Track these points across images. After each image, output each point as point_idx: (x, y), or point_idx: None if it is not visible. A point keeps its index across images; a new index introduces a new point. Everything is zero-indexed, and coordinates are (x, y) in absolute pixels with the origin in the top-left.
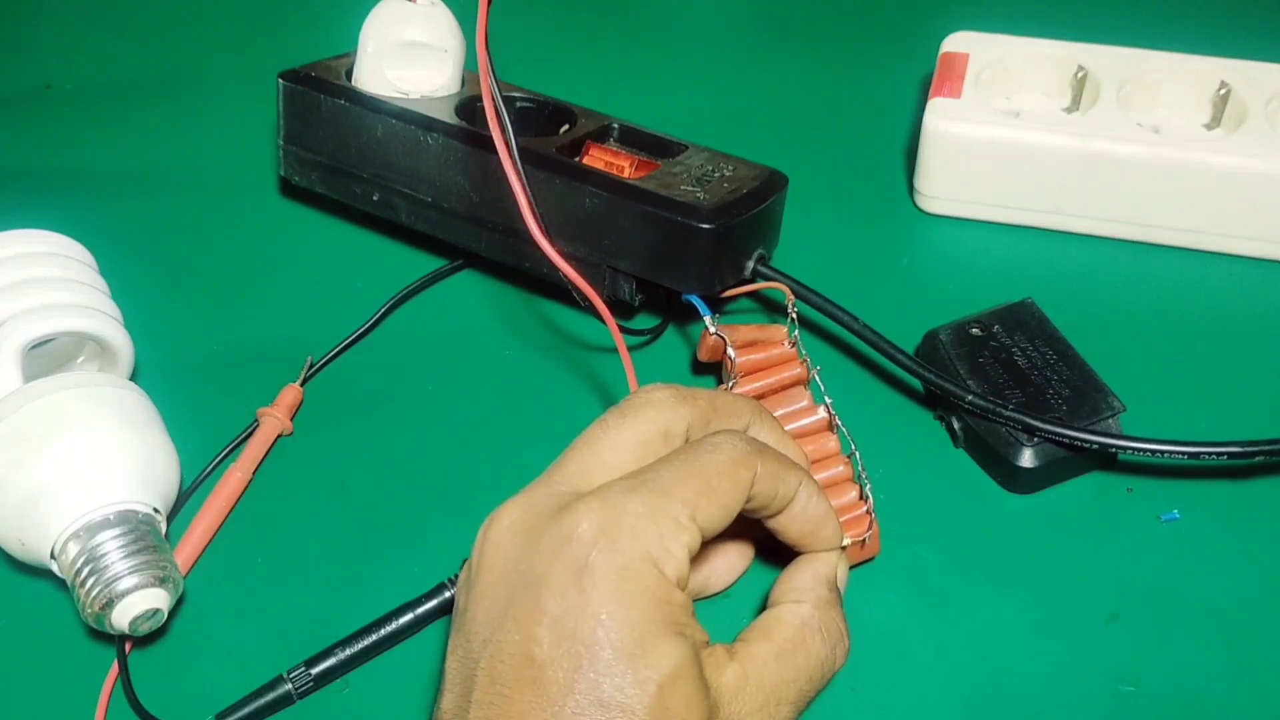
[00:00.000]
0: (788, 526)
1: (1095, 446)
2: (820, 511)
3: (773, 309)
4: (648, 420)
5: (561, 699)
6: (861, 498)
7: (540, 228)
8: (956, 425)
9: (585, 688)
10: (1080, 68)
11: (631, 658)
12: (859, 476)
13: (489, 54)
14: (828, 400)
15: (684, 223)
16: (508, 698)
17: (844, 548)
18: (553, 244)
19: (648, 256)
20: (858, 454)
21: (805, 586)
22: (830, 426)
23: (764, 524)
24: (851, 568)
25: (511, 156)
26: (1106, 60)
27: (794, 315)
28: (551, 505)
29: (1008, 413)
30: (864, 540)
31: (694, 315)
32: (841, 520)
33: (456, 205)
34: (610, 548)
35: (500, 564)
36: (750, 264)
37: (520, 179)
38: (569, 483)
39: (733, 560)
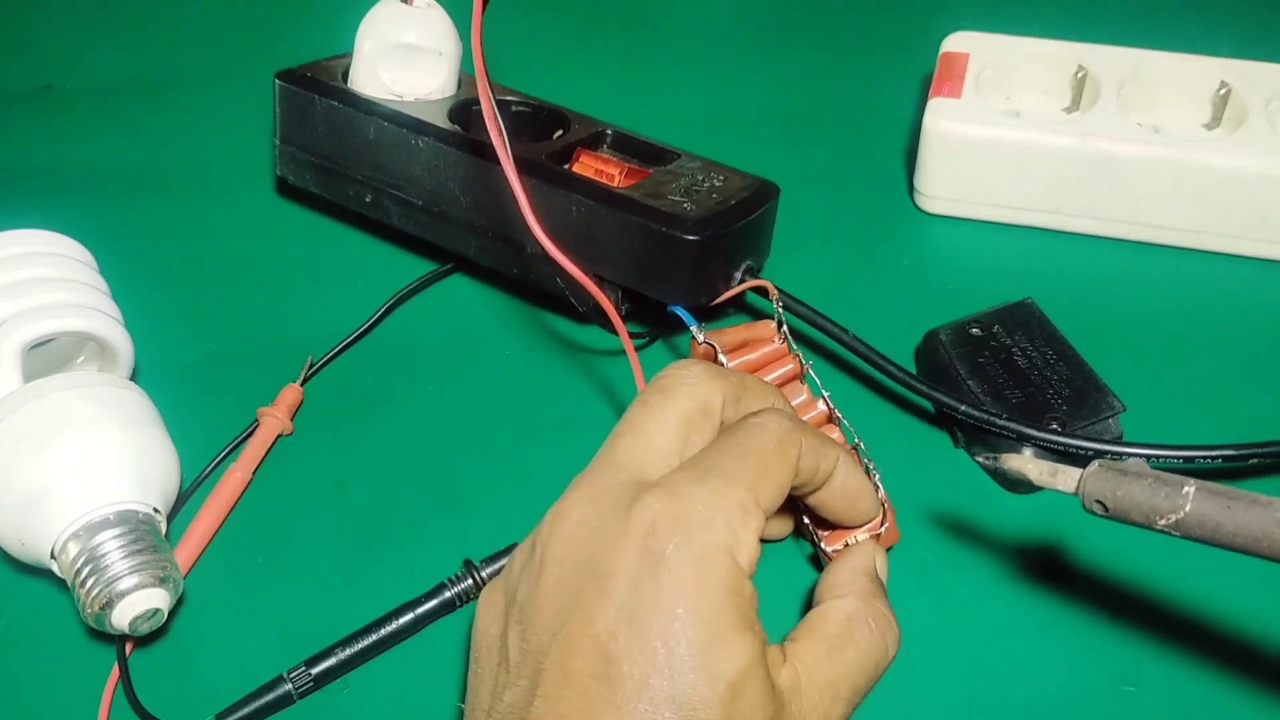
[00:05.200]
0: (827, 501)
1: (1090, 454)
2: (858, 483)
3: (761, 315)
4: (688, 397)
5: (636, 695)
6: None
7: (548, 236)
8: (957, 426)
9: (659, 683)
10: (1080, 68)
11: (705, 654)
12: (866, 467)
13: (484, 62)
14: (825, 394)
15: (668, 233)
16: (580, 693)
17: (875, 537)
18: (562, 252)
19: (633, 266)
20: (862, 445)
21: (846, 581)
22: (831, 419)
23: (804, 502)
24: None
25: (514, 166)
26: (1106, 60)
27: (780, 308)
28: (619, 497)
29: (1001, 422)
30: (882, 530)
31: (683, 323)
32: None
33: (447, 209)
34: (685, 540)
35: (571, 557)
36: (738, 275)
37: (524, 189)
38: (627, 470)
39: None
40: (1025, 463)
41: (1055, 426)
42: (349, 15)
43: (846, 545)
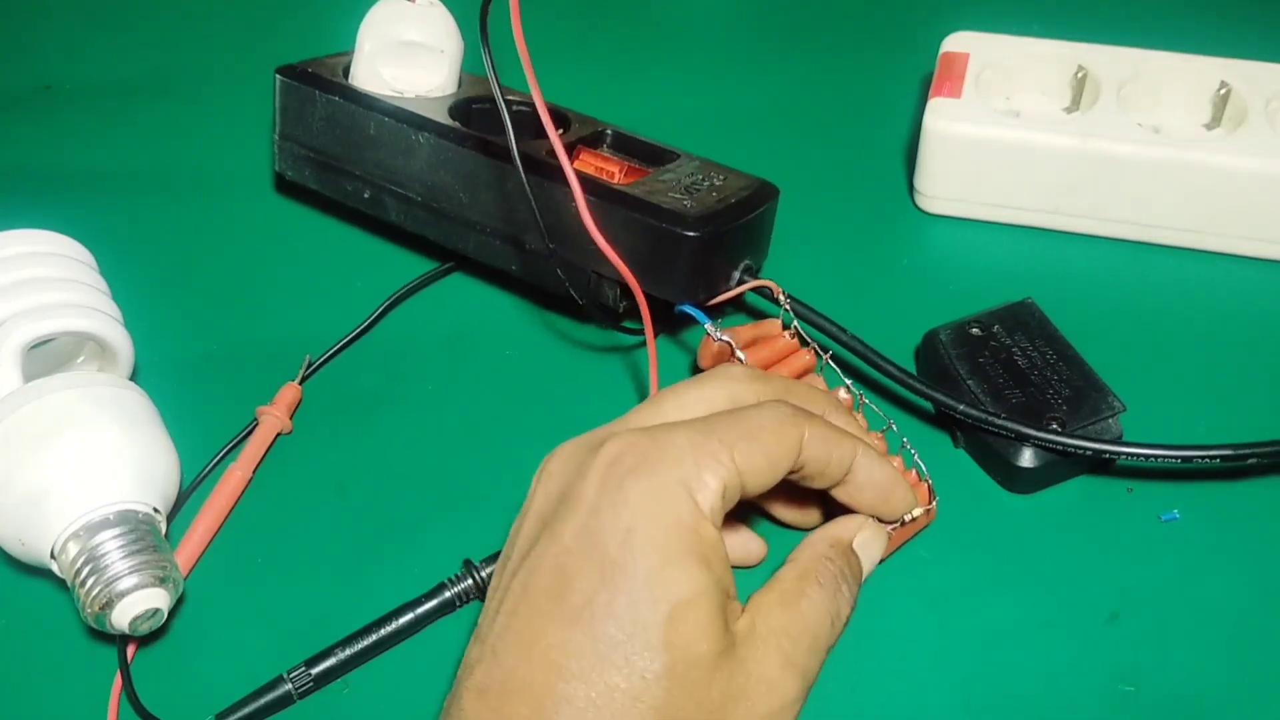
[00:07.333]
0: (856, 497)
1: (1089, 454)
2: (886, 477)
3: (763, 315)
4: (719, 387)
5: (580, 609)
6: (909, 467)
7: (603, 235)
8: (956, 426)
9: (604, 600)
10: (1080, 68)
11: (649, 576)
12: (902, 447)
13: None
14: (846, 382)
15: (668, 229)
16: (534, 608)
17: (914, 519)
18: (611, 245)
19: (633, 263)
20: (894, 426)
21: (808, 544)
22: (854, 406)
23: (836, 500)
24: (914, 536)
25: (573, 169)
26: (1106, 60)
27: (786, 305)
28: (600, 440)
29: (1000, 422)
30: (931, 506)
31: (687, 320)
32: None
33: (445, 205)
34: (647, 471)
35: (551, 489)
36: (737, 274)
37: (578, 183)
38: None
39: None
40: None
41: (1055, 426)
42: (349, 15)
43: (903, 522)
